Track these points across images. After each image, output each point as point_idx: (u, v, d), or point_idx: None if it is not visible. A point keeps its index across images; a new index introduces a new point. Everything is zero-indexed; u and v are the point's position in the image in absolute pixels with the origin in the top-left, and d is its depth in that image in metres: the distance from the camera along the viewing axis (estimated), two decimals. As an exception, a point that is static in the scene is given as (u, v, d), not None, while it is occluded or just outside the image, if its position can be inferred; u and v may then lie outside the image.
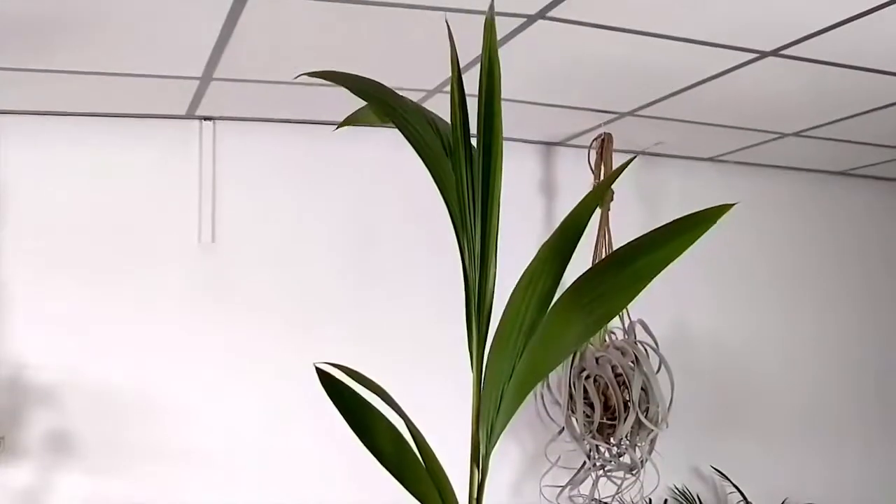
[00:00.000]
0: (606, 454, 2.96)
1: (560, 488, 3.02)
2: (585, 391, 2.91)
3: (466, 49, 1.61)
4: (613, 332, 3.06)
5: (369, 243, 3.05)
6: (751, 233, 3.64)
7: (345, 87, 1.52)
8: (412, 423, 1.39)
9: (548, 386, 3.04)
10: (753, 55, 2.33)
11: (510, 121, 1.73)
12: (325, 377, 1.39)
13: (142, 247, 2.81)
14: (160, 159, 2.86)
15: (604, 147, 3.10)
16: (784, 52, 2.29)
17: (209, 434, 2.80)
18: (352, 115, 1.74)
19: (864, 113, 2.85)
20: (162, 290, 2.81)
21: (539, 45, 2.25)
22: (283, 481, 2.87)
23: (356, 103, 2.79)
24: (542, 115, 2.91)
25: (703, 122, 2.99)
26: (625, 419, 2.86)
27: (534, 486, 3.09)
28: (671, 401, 2.91)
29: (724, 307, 3.55)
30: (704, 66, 2.43)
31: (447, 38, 1.43)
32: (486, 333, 1.38)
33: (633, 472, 2.94)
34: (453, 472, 1.58)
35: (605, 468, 2.97)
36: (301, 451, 2.90)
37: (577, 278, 1.34)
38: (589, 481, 2.98)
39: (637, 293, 1.30)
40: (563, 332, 1.28)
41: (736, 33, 2.18)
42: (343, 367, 1.43)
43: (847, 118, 2.91)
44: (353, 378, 1.41)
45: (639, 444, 2.92)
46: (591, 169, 3.12)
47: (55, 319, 2.70)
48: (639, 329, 3.05)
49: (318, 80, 2.28)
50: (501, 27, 1.70)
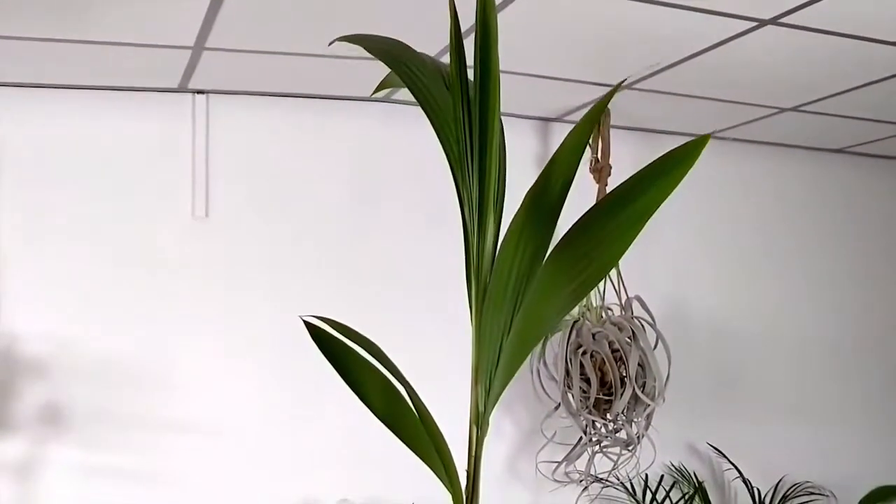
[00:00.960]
0: (603, 430, 2.95)
1: (556, 464, 3.00)
2: (582, 367, 2.90)
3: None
4: (610, 309, 3.04)
5: (364, 217, 3.03)
6: (748, 210, 3.63)
7: (361, 46, 1.49)
8: (401, 375, 1.38)
9: (544, 362, 3.02)
10: (752, 24, 2.30)
11: (506, 95, 1.70)
12: (313, 330, 1.37)
13: (135, 221, 2.79)
14: (153, 133, 2.84)
15: (601, 122, 3.08)
16: (782, 20, 2.27)
17: (202, 406, 2.79)
18: (385, 78, 1.72)
19: (862, 86, 2.82)
20: (155, 264, 2.80)
21: (533, 15, 2.23)
22: (277, 452, 2.86)
23: (350, 76, 2.79)
24: (538, 88, 2.88)
25: (701, 95, 2.97)
26: (621, 394, 2.85)
27: (530, 461, 3.08)
28: (668, 376, 2.90)
29: (720, 285, 3.54)
30: (702, 36, 2.40)
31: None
32: (486, 287, 1.36)
33: (630, 447, 2.93)
34: (455, 433, 1.57)
35: (602, 444, 2.96)
36: (295, 422, 2.89)
37: (564, 234, 1.32)
38: (585, 457, 2.97)
39: (630, 241, 1.27)
40: (555, 289, 1.26)
41: (734, 1, 2.16)
42: (330, 320, 1.42)
43: (845, 91, 2.88)
44: (341, 332, 1.40)
45: (635, 419, 2.91)
46: (589, 144, 3.09)
47: (47, 292, 2.69)
48: (636, 306, 3.03)
49: (311, 52, 2.27)
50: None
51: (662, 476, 3.27)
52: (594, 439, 2.95)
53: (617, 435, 2.94)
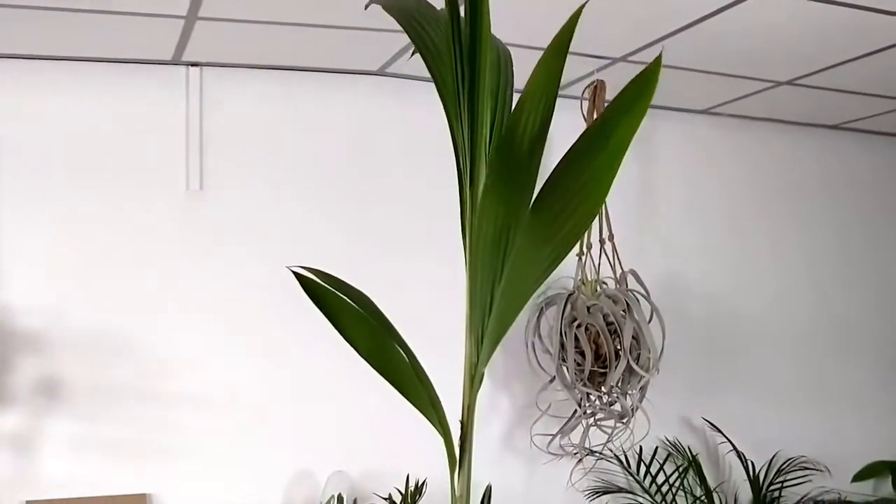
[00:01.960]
0: (597, 403, 2.96)
1: (551, 437, 3.01)
2: (577, 340, 2.90)
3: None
4: (605, 282, 3.05)
5: (360, 189, 3.03)
6: (744, 187, 3.63)
7: None
8: (388, 321, 1.39)
9: (538, 335, 3.03)
10: (747, -8, 2.30)
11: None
12: (304, 280, 1.38)
13: (130, 194, 2.79)
14: (147, 106, 2.83)
15: (596, 95, 3.07)
16: (778, -13, 2.26)
17: (198, 379, 2.80)
18: None
19: (858, 58, 2.82)
20: (150, 236, 2.79)
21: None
22: (272, 425, 2.87)
23: (346, 48, 2.78)
24: (532, 60, 2.86)
25: (697, 68, 2.96)
26: (616, 367, 2.85)
27: (524, 435, 3.08)
28: (662, 348, 2.91)
29: (716, 262, 3.55)
30: (698, 5, 2.39)
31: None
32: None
33: (624, 420, 2.94)
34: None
35: (596, 417, 2.96)
36: (290, 395, 2.90)
37: (544, 183, 1.32)
38: (579, 430, 2.98)
39: (611, 181, 1.28)
40: (543, 238, 1.26)
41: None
42: (318, 271, 1.43)
43: (841, 63, 2.88)
44: (328, 283, 1.41)
45: (629, 391, 2.92)
46: (585, 118, 3.09)
47: (43, 265, 2.69)
48: (631, 280, 3.04)
49: (306, 21, 2.23)
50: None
51: (657, 448, 3.28)
52: (588, 412, 2.95)
53: (611, 408, 2.95)
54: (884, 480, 3.67)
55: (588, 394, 2.92)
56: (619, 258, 3.03)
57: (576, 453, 3.04)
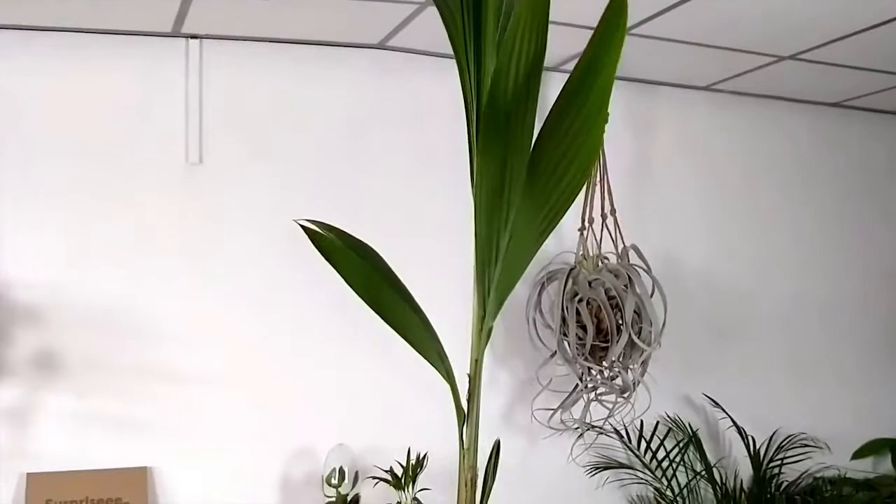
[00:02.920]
0: (598, 377, 2.95)
1: (551, 412, 3.01)
2: (578, 314, 2.90)
3: None
4: (607, 257, 3.04)
5: (359, 161, 3.02)
6: (744, 164, 3.62)
7: None
8: (394, 274, 1.39)
9: (540, 310, 3.02)
10: (751, -41, 2.28)
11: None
12: (310, 233, 1.37)
13: (129, 166, 2.77)
14: (147, 79, 2.81)
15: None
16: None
17: (198, 353, 2.78)
18: None
19: (860, 31, 2.81)
20: (149, 209, 2.78)
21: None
22: (272, 399, 2.86)
23: (346, 21, 2.76)
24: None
25: (698, 42, 2.95)
26: (617, 340, 2.85)
27: (525, 410, 3.08)
28: (664, 321, 2.91)
29: (715, 239, 3.54)
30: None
31: None
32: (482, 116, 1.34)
33: (625, 394, 2.94)
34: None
35: (597, 391, 2.96)
36: (291, 369, 2.89)
37: (536, 138, 1.31)
38: (580, 405, 2.98)
39: (604, 125, 1.26)
40: (544, 188, 1.24)
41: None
42: (320, 222, 1.43)
43: (843, 38, 2.87)
44: (332, 233, 1.40)
45: (631, 365, 2.91)
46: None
47: (42, 237, 2.67)
48: (632, 255, 3.03)
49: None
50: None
51: (657, 423, 3.28)
52: (590, 386, 2.95)
53: (613, 382, 2.95)
54: (883, 458, 3.68)
55: (589, 368, 2.92)
56: (620, 233, 3.02)
57: (576, 428, 3.04)
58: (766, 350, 3.58)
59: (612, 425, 3.12)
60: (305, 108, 2.97)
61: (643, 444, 3.23)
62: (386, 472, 2.72)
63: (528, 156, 1.26)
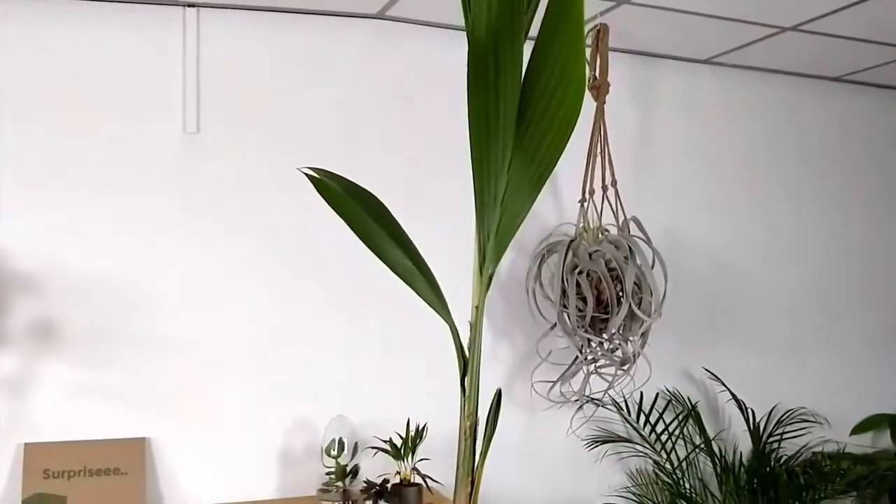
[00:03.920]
0: (598, 350, 2.94)
1: (551, 384, 3.00)
2: (578, 286, 2.89)
3: None
4: (607, 229, 3.03)
5: (358, 132, 2.99)
6: (745, 139, 3.60)
7: None
8: (397, 223, 1.38)
9: (540, 282, 3.01)
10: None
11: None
12: (316, 181, 1.36)
13: (126, 135, 2.75)
14: (143, 47, 2.78)
15: (599, 39, 3.03)
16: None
17: (196, 325, 2.77)
18: None
19: (862, 1, 2.78)
20: (147, 178, 2.75)
21: None
22: (272, 371, 2.85)
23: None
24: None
25: (701, 12, 2.93)
26: (617, 312, 2.84)
27: (525, 383, 3.07)
28: (665, 293, 2.90)
29: (717, 214, 3.53)
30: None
31: None
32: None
33: (625, 366, 2.93)
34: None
35: (597, 363, 2.95)
36: (290, 341, 2.87)
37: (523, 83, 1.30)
38: (580, 377, 2.97)
39: (583, 58, 1.25)
40: (535, 139, 1.23)
41: None
42: (325, 170, 1.41)
43: (845, 7, 2.84)
44: (337, 182, 1.39)
45: (631, 337, 2.90)
46: (587, 61, 3.05)
47: (38, 208, 2.64)
48: (633, 227, 3.01)
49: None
50: None
51: (657, 396, 3.28)
52: (590, 358, 2.94)
53: (613, 354, 2.94)
54: (882, 433, 3.69)
55: (589, 340, 2.91)
56: (621, 205, 3.01)
57: (576, 400, 3.03)
58: (766, 324, 3.57)
59: (611, 397, 3.11)
60: (304, 77, 2.94)
61: (642, 417, 3.23)
62: (385, 441, 2.71)
63: (517, 97, 1.26)
